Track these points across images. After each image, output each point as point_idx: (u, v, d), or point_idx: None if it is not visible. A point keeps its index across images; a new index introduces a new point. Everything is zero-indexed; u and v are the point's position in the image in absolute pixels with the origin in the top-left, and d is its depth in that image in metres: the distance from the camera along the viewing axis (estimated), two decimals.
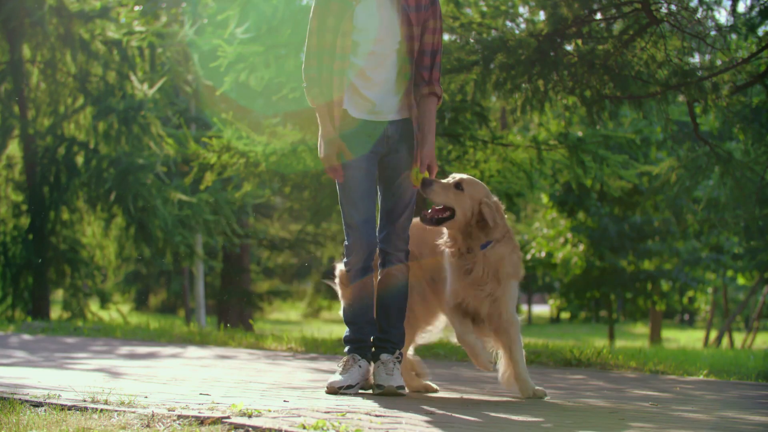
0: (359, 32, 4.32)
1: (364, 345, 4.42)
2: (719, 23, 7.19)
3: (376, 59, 4.34)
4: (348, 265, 4.39)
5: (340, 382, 4.30)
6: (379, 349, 4.40)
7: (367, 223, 4.34)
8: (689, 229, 17.12)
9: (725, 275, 25.27)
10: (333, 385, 4.30)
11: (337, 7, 4.32)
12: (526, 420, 3.54)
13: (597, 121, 7.60)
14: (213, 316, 23.14)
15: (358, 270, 4.37)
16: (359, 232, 4.33)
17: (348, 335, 4.45)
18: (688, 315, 43.43)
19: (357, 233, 4.33)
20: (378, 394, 4.27)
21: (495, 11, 8.56)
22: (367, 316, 4.43)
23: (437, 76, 4.44)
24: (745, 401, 4.76)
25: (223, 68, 9.01)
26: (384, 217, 4.44)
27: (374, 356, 4.41)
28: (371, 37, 4.33)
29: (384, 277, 4.42)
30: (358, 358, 4.38)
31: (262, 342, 8.27)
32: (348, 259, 4.39)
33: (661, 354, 9.35)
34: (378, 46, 4.34)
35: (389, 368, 4.32)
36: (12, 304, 14.01)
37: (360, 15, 4.32)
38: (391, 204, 4.43)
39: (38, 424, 3.23)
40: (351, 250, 4.36)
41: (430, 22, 4.39)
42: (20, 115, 13.71)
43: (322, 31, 4.34)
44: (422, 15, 4.37)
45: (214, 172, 9.59)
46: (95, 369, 5.48)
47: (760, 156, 7.74)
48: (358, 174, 4.35)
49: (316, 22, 4.37)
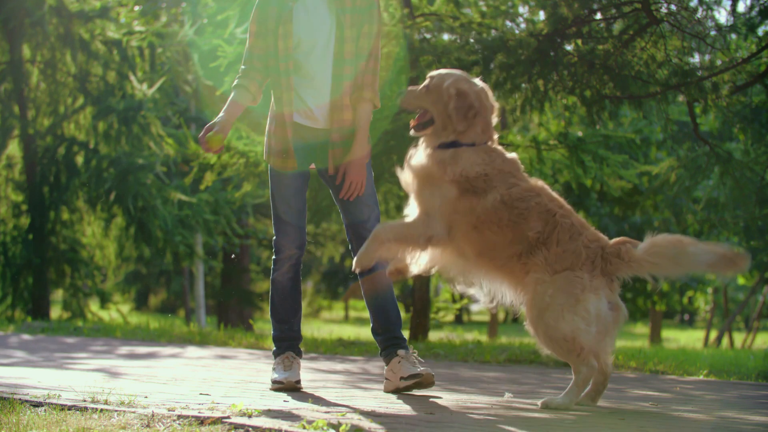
0: (296, 34, 4.33)
1: (296, 342, 4.53)
2: (719, 23, 7.20)
3: (312, 62, 4.34)
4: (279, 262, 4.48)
5: (292, 377, 4.37)
6: (392, 346, 4.41)
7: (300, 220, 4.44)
8: (689, 229, 17.12)
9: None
10: (289, 380, 4.35)
11: (276, 11, 4.34)
12: (526, 420, 3.54)
13: (597, 121, 7.60)
14: (213, 316, 23.14)
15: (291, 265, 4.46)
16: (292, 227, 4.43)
17: (279, 334, 4.52)
18: (688, 315, 43.43)
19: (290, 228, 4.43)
20: (414, 384, 4.25)
21: (495, 11, 8.57)
22: (297, 313, 4.54)
23: (370, 80, 4.35)
24: (745, 401, 4.76)
25: (223, 68, 9.01)
26: (354, 227, 4.41)
27: (388, 355, 4.41)
28: (306, 38, 4.33)
29: (372, 281, 4.42)
30: (293, 355, 4.49)
31: (262, 342, 8.26)
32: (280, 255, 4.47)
33: (661, 354, 9.34)
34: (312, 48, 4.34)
35: (412, 360, 4.33)
36: (12, 304, 14.01)
37: (296, 17, 4.33)
38: (356, 214, 4.41)
39: (38, 424, 3.23)
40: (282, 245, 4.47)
41: (365, 26, 4.36)
42: (20, 115, 13.71)
43: (263, 34, 4.37)
44: (357, 17, 4.35)
45: (214, 172, 9.60)
46: (95, 369, 5.48)
47: (760, 156, 7.75)
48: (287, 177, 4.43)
49: (256, 26, 4.39)
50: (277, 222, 4.47)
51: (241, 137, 9.38)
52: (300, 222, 4.46)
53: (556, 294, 3.74)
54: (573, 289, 3.73)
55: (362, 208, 4.40)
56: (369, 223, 4.39)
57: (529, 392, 4.70)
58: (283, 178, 4.44)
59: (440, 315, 13.94)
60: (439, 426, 3.28)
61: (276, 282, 4.52)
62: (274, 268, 4.52)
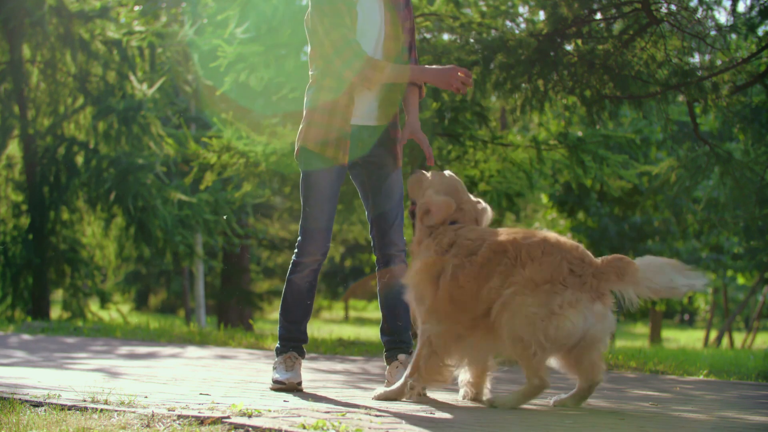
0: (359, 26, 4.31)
1: (302, 344, 4.51)
2: (719, 23, 7.19)
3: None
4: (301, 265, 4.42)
5: (294, 378, 4.35)
6: (395, 349, 4.41)
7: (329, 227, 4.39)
8: (689, 229, 17.14)
9: (725, 275, 25.28)
10: (291, 381, 4.33)
11: (345, 7, 4.29)
12: (526, 420, 3.54)
13: (597, 121, 7.60)
14: (213, 316, 23.15)
15: (312, 270, 4.41)
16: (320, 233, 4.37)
17: (286, 333, 4.48)
18: (688, 315, 43.45)
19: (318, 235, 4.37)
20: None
21: (495, 11, 8.56)
22: (307, 316, 4.49)
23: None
24: (745, 401, 4.76)
25: (223, 68, 9.01)
26: (379, 221, 4.42)
27: (389, 357, 4.41)
28: (368, 37, 4.33)
29: (389, 279, 4.42)
30: (296, 356, 4.45)
31: (262, 342, 8.26)
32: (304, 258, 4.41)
33: (661, 354, 9.35)
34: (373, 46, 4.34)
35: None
36: (12, 304, 14.01)
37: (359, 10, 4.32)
38: (384, 206, 4.42)
39: (38, 424, 3.23)
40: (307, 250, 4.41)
41: (407, 22, 4.42)
42: (20, 115, 13.71)
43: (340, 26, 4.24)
44: (400, 15, 4.39)
45: (214, 172, 9.60)
46: (95, 369, 5.48)
47: (760, 156, 7.75)
48: (329, 177, 4.35)
49: (329, 20, 4.25)
50: (307, 226, 4.36)
51: (241, 137, 9.38)
52: (330, 226, 4.38)
53: (533, 304, 3.69)
54: (551, 303, 3.69)
55: (395, 207, 4.42)
56: (399, 223, 4.41)
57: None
58: (322, 179, 4.32)
59: None
60: (439, 426, 3.28)
61: (293, 283, 4.43)
62: (295, 270, 4.42)
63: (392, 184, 4.42)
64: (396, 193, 4.42)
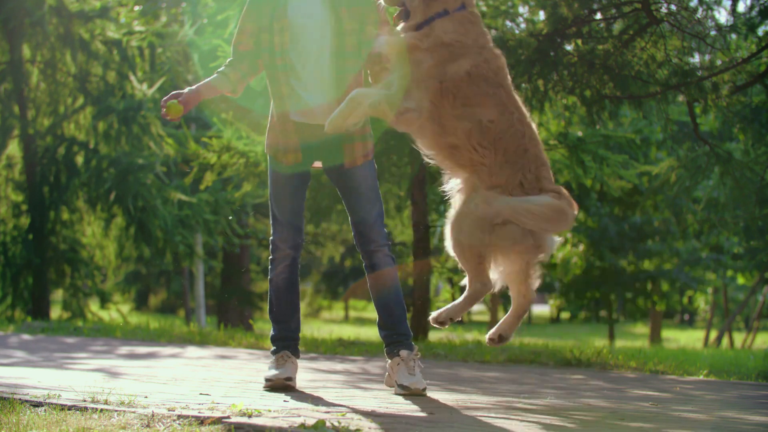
0: (292, 30, 4.30)
1: (293, 342, 4.52)
2: (719, 23, 7.19)
3: (310, 58, 4.31)
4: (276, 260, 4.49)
5: (282, 374, 4.37)
6: (395, 344, 4.38)
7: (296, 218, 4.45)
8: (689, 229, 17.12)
9: (725, 275, 25.29)
10: (279, 377, 4.36)
11: (270, 7, 4.31)
12: (526, 420, 3.54)
13: (597, 120, 7.60)
14: (213, 316, 23.13)
15: (285, 266, 4.46)
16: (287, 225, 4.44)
17: (276, 333, 4.51)
18: (688, 315, 43.43)
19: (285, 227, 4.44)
20: (401, 394, 4.24)
21: (495, 11, 8.56)
22: (295, 314, 4.52)
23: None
24: (745, 401, 4.76)
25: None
26: (357, 224, 4.41)
27: (390, 352, 4.40)
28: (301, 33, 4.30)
29: (377, 277, 4.42)
30: (288, 354, 4.47)
31: (262, 342, 8.26)
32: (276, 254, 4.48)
33: (661, 354, 9.34)
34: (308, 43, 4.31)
35: (410, 367, 4.29)
36: (12, 304, 14.01)
37: (291, 12, 4.30)
38: (357, 207, 4.40)
39: (38, 424, 3.23)
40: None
41: (371, 15, 4.33)
42: (20, 115, 13.70)
43: (255, 32, 4.36)
44: (356, 10, 4.31)
45: (214, 172, 9.60)
46: (95, 369, 5.48)
47: (760, 156, 7.75)
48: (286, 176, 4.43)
49: (249, 23, 4.37)
50: (273, 221, 4.49)
51: (241, 137, 9.38)
52: (295, 222, 4.44)
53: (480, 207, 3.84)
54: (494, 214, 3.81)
55: (366, 205, 4.40)
56: (374, 221, 4.39)
57: (529, 392, 4.69)
58: (281, 176, 4.42)
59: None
60: (439, 426, 3.27)
61: (272, 282, 4.52)
62: (271, 267, 4.52)
63: (359, 181, 4.39)
64: (363, 188, 4.39)
